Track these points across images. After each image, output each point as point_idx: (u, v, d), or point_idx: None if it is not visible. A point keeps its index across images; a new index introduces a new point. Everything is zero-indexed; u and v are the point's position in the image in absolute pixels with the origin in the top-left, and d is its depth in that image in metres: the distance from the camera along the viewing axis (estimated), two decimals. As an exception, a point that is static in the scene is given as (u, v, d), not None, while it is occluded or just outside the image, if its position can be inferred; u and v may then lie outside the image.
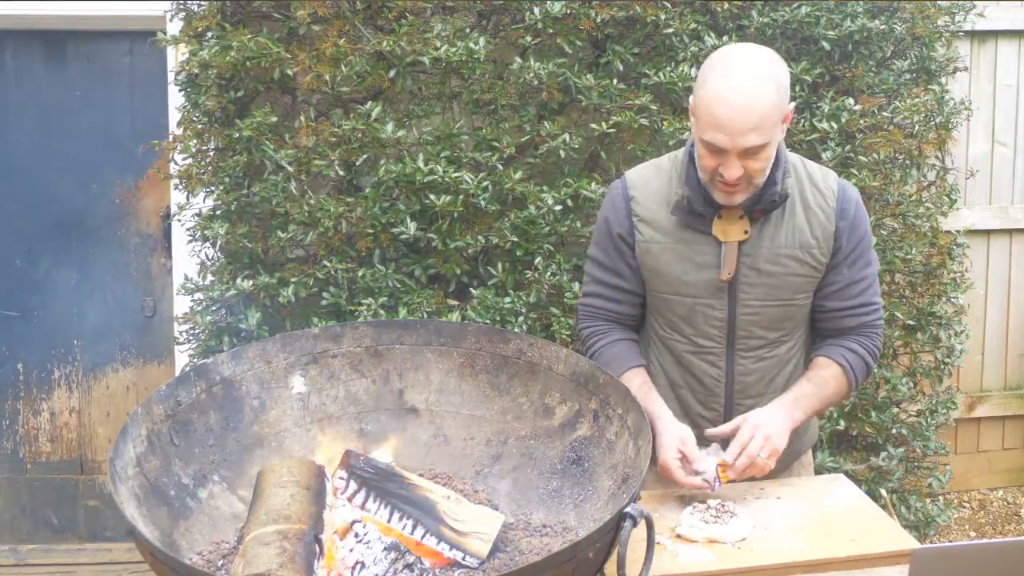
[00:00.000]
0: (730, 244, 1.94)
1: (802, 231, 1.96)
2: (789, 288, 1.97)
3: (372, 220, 2.86)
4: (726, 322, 1.99)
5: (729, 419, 2.01)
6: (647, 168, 2.08)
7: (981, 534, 3.90)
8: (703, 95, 1.81)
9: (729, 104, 1.77)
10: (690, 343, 2.02)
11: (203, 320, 2.93)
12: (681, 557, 1.72)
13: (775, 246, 1.95)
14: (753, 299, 1.97)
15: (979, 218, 4.01)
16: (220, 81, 2.92)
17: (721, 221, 1.94)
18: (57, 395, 3.83)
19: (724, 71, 1.81)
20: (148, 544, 1.37)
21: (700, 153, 1.87)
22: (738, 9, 2.97)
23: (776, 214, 1.95)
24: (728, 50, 1.90)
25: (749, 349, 2.01)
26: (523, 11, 2.88)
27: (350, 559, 1.50)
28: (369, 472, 1.61)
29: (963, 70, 3.46)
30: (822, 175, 2.02)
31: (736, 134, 1.78)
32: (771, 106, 1.79)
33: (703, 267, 1.96)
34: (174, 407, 1.72)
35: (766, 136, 1.80)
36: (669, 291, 2.01)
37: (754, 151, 1.80)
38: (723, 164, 1.82)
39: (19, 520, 3.86)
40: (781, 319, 2.00)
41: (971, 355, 3.82)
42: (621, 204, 2.03)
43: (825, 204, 1.97)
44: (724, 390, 2.03)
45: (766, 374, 2.03)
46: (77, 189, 3.72)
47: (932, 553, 1.42)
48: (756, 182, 1.87)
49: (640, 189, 2.02)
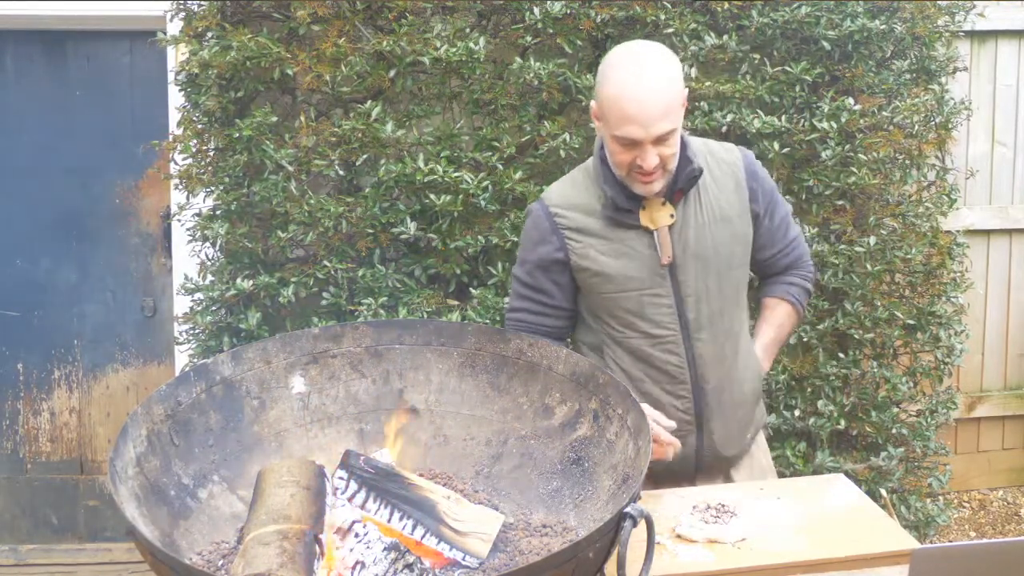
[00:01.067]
0: (661, 230, 2.03)
1: (719, 203, 2.07)
2: (722, 259, 2.07)
3: (372, 220, 2.86)
4: (674, 307, 2.05)
5: (699, 407, 2.09)
6: (562, 184, 2.17)
7: (981, 534, 3.90)
8: (608, 94, 1.91)
9: (636, 97, 1.87)
10: (646, 336, 2.07)
11: (203, 320, 2.93)
12: (681, 557, 1.72)
13: (700, 224, 2.05)
14: (693, 278, 2.05)
15: (979, 218, 4.01)
16: (220, 81, 2.92)
17: (646, 211, 2.03)
18: (57, 395, 3.83)
19: (623, 69, 1.90)
20: (148, 544, 1.37)
21: (613, 150, 1.95)
22: (738, 9, 2.97)
23: (693, 194, 2.05)
24: (621, 49, 1.99)
25: (701, 328, 2.07)
26: (523, 11, 2.88)
27: (350, 559, 1.50)
28: (369, 472, 1.61)
29: (963, 70, 3.46)
30: (723, 149, 2.14)
31: (648, 123, 1.87)
32: (674, 92, 1.91)
33: (642, 258, 2.04)
34: (174, 407, 1.72)
35: (674, 121, 1.91)
36: (616, 290, 2.06)
37: (665, 137, 1.90)
38: (639, 155, 1.91)
39: (19, 520, 3.86)
40: (722, 292, 2.08)
41: (971, 355, 3.82)
42: (545, 224, 2.09)
43: (731, 169, 2.10)
44: (688, 375, 2.08)
45: (722, 349, 2.10)
46: (77, 189, 3.72)
47: (932, 553, 1.42)
48: (670, 168, 1.97)
49: (562, 205, 2.09)
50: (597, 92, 1.95)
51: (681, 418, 2.07)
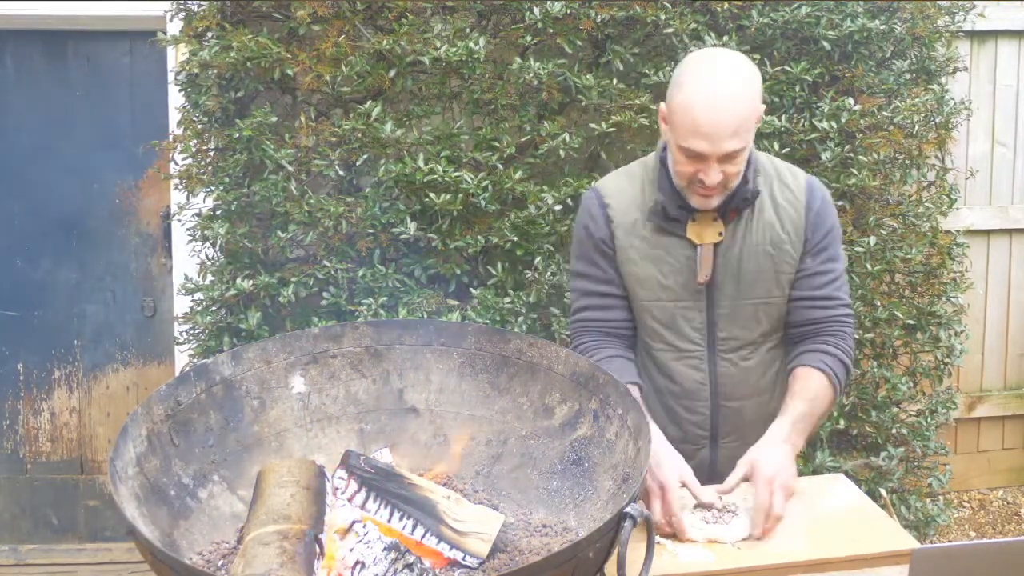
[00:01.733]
0: (706, 246, 1.95)
1: (773, 228, 1.97)
2: (765, 286, 1.98)
3: (372, 220, 2.86)
4: (705, 324, 1.99)
5: (715, 423, 2.03)
6: (618, 176, 2.09)
7: (981, 534, 3.91)
8: (680, 101, 1.81)
9: (709, 110, 1.77)
10: (672, 349, 2.02)
11: (203, 320, 2.93)
12: (681, 557, 1.72)
13: (748, 245, 1.96)
14: (730, 299, 1.98)
15: (979, 218, 4.01)
16: (220, 81, 2.92)
17: (695, 224, 1.95)
18: (57, 395, 3.83)
19: (699, 78, 1.81)
20: (148, 544, 1.37)
21: (677, 160, 1.87)
22: (738, 9, 2.97)
23: (747, 213, 1.96)
24: (701, 55, 1.90)
25: (729, 351, 2.01)
26: (523, 11, 2.88)
27: (350, 559, 1.50)
28: (369, 472, 1.61)
29: (963, 70, 3.46)
30: (790, 172, 2.04)
31: (717, 140, 1.78)
32: (749, 110, 1.81)
33: (680, 271, 1.97)
34: (174, 407, 1.72)
35: (745, 140, 1.81)
36: (649, 297, 2.01)
37: (733, 155, 1.81)
38: (702, 170, 1.83)
39: (19, 520, 3.86)
40: (759, 318, 2.01)
41: (971, 355, 3.82)
42: (598, 212, 2.03)
43: (795, 199, 1.99)
44: (708, 393, 2.03)
45: (749, 375, 2.03)
46: (77, 189, 3.72)
47: (932, 553, 1.42)
48: (731, 186, 1.88)
49: (615, 197, 2.03)
50: (669, 96, 1.85)
51: (696, 433, 2.04)
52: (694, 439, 2.04)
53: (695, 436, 2.04)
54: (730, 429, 2.06)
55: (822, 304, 2.02)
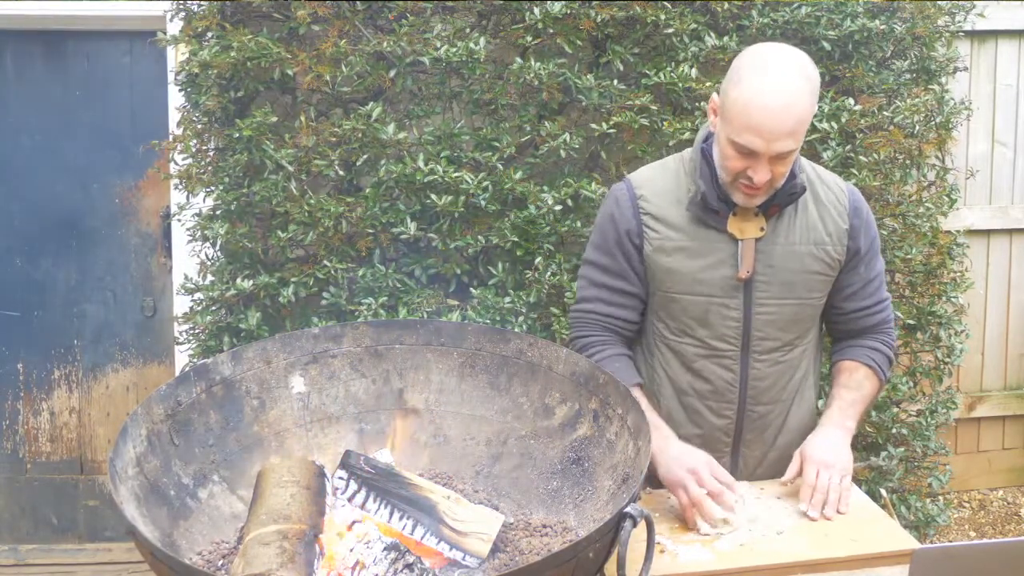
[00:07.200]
0: (747, 241, 1.91)
1: (815, 228, 1.95)
2: (805, 286, 1.95)
3: (372, 220, 2.86)
4: (741, 323, 1.95)
5: (740, 427, 2.00)
6: (651, 169, 2.05)
7: (981, 534, 3.91)
8: (738, 96, 1.76)
9: (768, 108, 1.73)
10: (703, 346, 1.97)
11: (203, 320, 2.93)
12: (681, 557, 1.72)
13: (790, 243, 1.93)
14: (769, 297, 1.94)
15: (979, 218, 4.01)
16: (220, 81, 2.92)
17: (736, 218, 1.91)
18: (57, 395, 3.83)
19: (760, 74, 1.75)
20: (148, 544, 1.37)
21: (727, 154, 1.82)
22: (738, 9, 2.97)
23: (789, 211, 1.93)
24: (763, 49, 1.83)
25: (764, 352, 1.97)
26: (523, 11, 2.88)
27: (350, 559, 1.50)
28: (369, 472, 1.61)
29: (963, 70, 3.46)
30: (831, 176, 2.02)
31: (772, 139, 1.75)
32: (807, 111, 1.77)
33: (718, 265, 1.93)
34: (174, 407, 1.72)
35: (799, 141, 1.78)
36: (683, 291, 1.95)
37: (785, 156, 1.78)
38: (752, 167, 1.79)
39: (19, 520, 3.86)
40: (796, 319, 1.97)
41: (971, 355, 3.83)
42: (627, 203, 1.97)
43: (837, 201, 1.97)
44: (737, 395, 1.98)
45: (779, 379, 2.00)
46: (77, 189, 3.73)
47: (932, 553, 1.42)
48: (777, 185, 1.85)
49: (647, 188, 1.98)
50: (725, 89, 1.81)
51: (719, 437, 2.01)
52: (715, 443, 2.00)
53: (716, 440, 2.00)
54: (753, 437, 2.03)
55: (875, 310, 2.05)
